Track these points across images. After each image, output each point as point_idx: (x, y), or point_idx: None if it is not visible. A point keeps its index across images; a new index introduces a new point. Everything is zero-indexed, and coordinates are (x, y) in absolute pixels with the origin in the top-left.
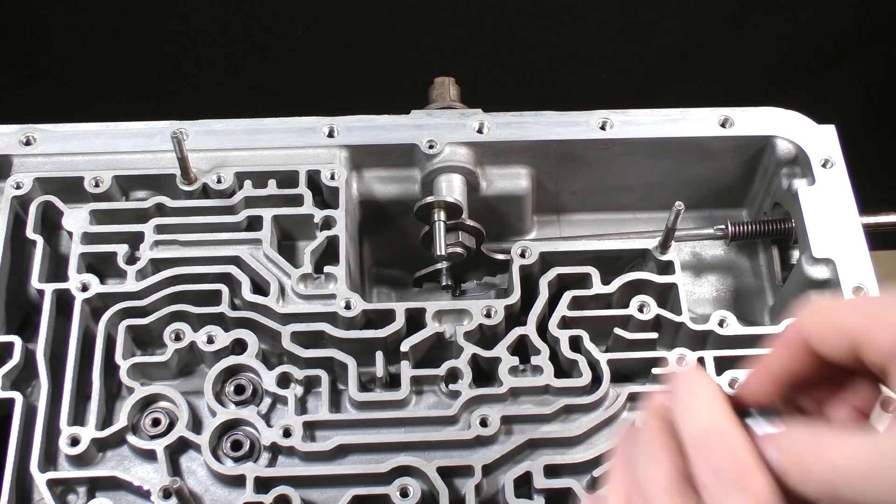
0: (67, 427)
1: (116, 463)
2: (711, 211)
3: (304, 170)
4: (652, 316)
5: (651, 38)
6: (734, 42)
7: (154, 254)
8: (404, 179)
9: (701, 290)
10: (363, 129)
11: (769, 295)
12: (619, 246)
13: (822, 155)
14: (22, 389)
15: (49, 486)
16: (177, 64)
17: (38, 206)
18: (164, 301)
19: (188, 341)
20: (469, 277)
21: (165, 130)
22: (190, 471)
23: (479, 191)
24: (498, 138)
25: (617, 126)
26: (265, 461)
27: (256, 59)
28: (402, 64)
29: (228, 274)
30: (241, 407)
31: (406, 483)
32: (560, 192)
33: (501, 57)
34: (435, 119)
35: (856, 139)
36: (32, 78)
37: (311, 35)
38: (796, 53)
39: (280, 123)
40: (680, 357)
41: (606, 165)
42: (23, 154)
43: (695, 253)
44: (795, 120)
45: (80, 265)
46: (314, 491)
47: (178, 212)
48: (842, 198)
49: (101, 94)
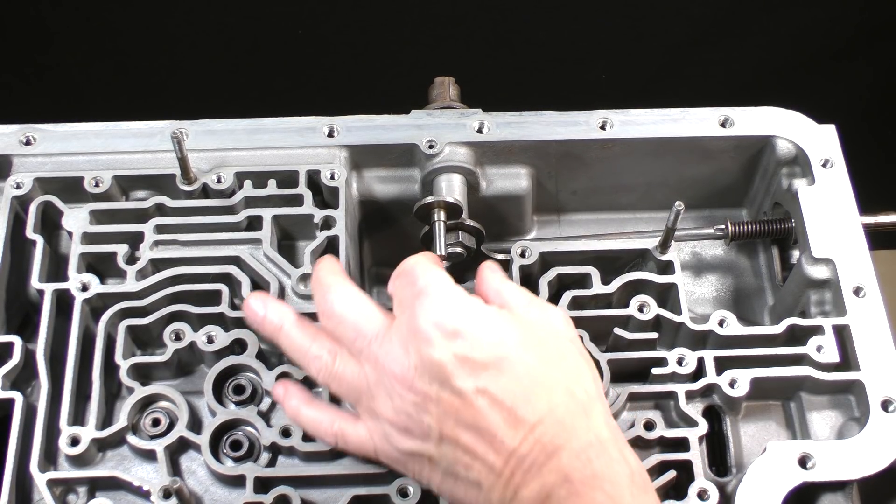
0: (67, 427)
1: (116, 463)
2: (711, 211)
3: (304, 170)
4: (652, 316)
5: (651, 38)
6: (734, 41)
7: (154, 254)
8: (404, 179)
9: (701, 290)
10: (363, 129)
11: (769, 295)
12: (619, 246)
13: (822, 155)
14: (22, 389)
15: (49, 486)
16: (177, 64)
17: (38, 206)
18: (164, 301)
19: (188, 341)
20: (469, 277)
21: (165, 130)
22: (190, 471)
23: (479, 191)
24: (498, 138)
25: (617, 126)
26: (265, 461)
27: (256, 59)
28: (402, 64)
29: (228, 274)
30: (241, 407)
31: (405, 483)
32: (560, 192)
33: (501, 57)
34: (435, 119)
35: (856, 139)
36: (32, 78)
37: (311, 35)
38: (796, 53)
39: (280, 123)
40: (680, 357)
41: (606, 165)
42: (23, 154)
43: (695, 253)
44: (795, 120)
45: (80, 265)
46: (314, 491)
47: (178, 212)
48: (842, 198)
49: (101, 93)
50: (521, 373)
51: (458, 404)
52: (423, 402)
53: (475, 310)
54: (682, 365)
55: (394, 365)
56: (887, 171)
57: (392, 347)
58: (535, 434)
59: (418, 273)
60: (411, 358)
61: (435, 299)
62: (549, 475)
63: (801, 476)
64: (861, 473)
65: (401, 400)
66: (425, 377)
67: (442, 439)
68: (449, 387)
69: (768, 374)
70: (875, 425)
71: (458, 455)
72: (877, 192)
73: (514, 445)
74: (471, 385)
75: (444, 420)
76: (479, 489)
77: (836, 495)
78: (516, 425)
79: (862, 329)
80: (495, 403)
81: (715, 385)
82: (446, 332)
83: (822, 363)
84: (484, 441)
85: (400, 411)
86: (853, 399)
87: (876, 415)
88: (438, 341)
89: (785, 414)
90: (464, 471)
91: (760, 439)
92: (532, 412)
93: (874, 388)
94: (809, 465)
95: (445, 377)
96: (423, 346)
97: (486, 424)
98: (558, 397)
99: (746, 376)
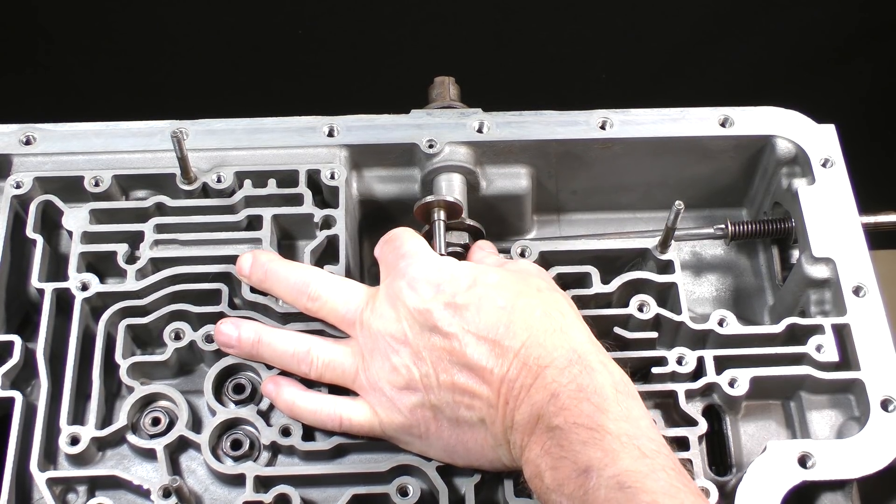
0: (67, 426)
1: (116, 462)
2: (711, 211)
3: (304, 169)
4: (652, 315)
5: (651, 38)
6: (734, 42)
7: (154, 253)
8: (404, 179)
9: (701, 289)
10: (363, 129)
11: (769, 294)
12: (619, 245)
13: (822, 154)
14: (22, 388)
15: (49, 485)
16: (177, 64)
17: (38, 206)
18: (164, 300)
19: (188, 340)
20: None
21: (165, 130)
22: (190, 470)
23: (479, 190)
24: (498, 138)
25: (617, 126)
26: (265, 460)
27: (256, 59)
28: (402, 64)
29: (228, 273)
30: (241, 406)
31: (405, 482)
32: (560, 192)
33: (501, 57)
34: (435, 119)
35: (856, 139)
36: (32, 77)
37: (311, 35)
38: (796, 53)
39: (280, 123)
40: (680, 356)
41: (606, 165)
42: (23, 153)
43: (695, 252)
44: (795, 119)
45: (79, 264)
46: (314, 490)
47: (177, 211)
48: (842, 197)
49: (101, 93)
50: (499, 307)
51: (449, 346)
52: (416, 352)
53: (453, 264)
54: (682, 364)
55: (386, 324)
56: (887, 171)
57: (382, 309)
58: (520, 358)
59: (403, 240)
60: (400, 312)
61: (417, 259)
62: (537, 394)
63: (800, 475)
64: (861, 473)
65: (397, 356)
66: (415, 327)
67: (440, 385)
68: (438, 332)
69: (768, 374)
70: (875, 425)
71: (457, 397)
72: (877, 192)
73: (503, 373)
74: (456, 326)
75: (439, 364)
76: (484, 427)
77: (835, 494)
78: (502, 354)
79: (862, 328)
80: (481, 339)
81: (715, 384)
82: (430, 284)
83: (822, 363)
84: (476, 376)
85: (397, 369)
86: (853, 398)
87: (876, 414)
88: (423, 292)
89: (785, 413)
90: (466, 412)
91: (760, 439)
92: (514, 339)
93: (874, 387)
94: (809, 464)
95: (433, 324)
96: (409, 299)
97: (475, 360)
98: (536, 322)
99: (746, 376)
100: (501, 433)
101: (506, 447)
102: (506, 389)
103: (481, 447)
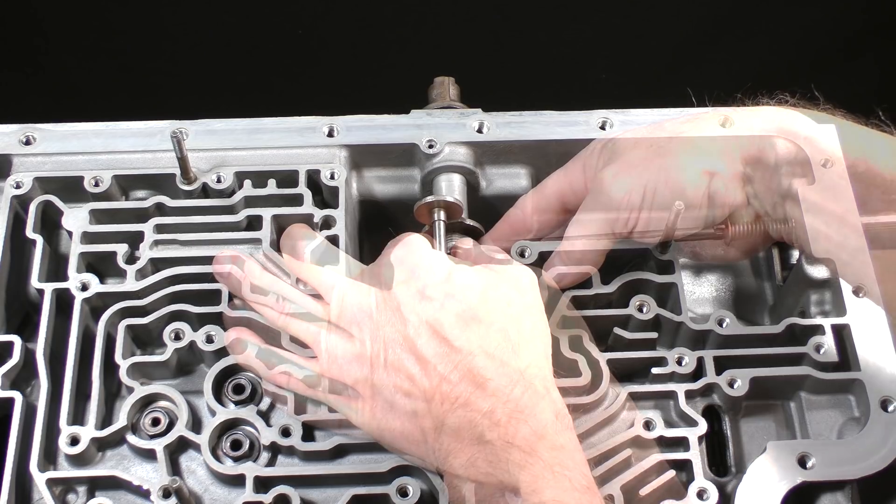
0: (67, 426)
1: (116, 462)
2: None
3: (304, 169)
4: (652, 315)
5: (651, 38)
6: (734, 42)
7: (154, 253)
8: (404, 179)
9: (701, 289)
10: (363, 129)
11: (769, 295)
12: (619, 246)
13: (822, 155)
14: (22, 389)
15: (49, 485)
16: (177, 64)
17: (38, 206)
18: (164, 300)
19: (188, 341)
20: None
21: (165, 130)
22: (189, 470)
23: (479, 190)
24: (498, 138)
25: (617, 126)
26: (265, 461)
27: (256, 59)
28: (402, 64)
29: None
30: (241, 406)
31: (405, 483)
32: None
33: (501, 57)
34: (435, 119)
35: None
36: (32, 77)
37: (310, 35)
38: (796, 53)
39: (280, 123)
40: (679, 356)
41: None
42: (23, 154)
43: (695, 253)
44: (795, 120)
45: (79, 265)
46: (314, 490)
47: (177, 211)
48: (842, 198)
49: (100, 93)
50: (462, 308)
51: (404, 332)
52: (375, 329)
53: (437, 257)
54: (682, 364)
55: (360, 297)
56: None
57: (364, 282)
58: (466, 364)
59: (409, 237)
60: (373, 289)
61: (410, 246)
62: (474, 404)
63: (800, 476)
64: (861, 473)
65: (358, 328)
66: (381, 305)
67: (386, 366)
68: (399, 316)
69: (768, 374)
70: (875, 425)
71: (398, 382)
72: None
73: (446, 373)
74: (416, 316)
75: (390, 347)
76: (415, 419)
77: (835, 495)
78: (449, 356)
79: (862, 329)
80: (434, 334)
81: (715, 385)
82: (408, 269)
83: (822, 363)
84: (422, 368)
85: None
86: (853, 399)
87: (875, 414)
88: (399, 275)
89: (785, 414)
90: (402, 399)
91: (760, 439)
92: (465, 344)
93: (874, 387)
94: (809, 464)
95: (396, 306)
96: (386, 278)
97: (423, 352)
98: (491, 333)
99: (746, 376)
100: (431, 429)
101: (430, 446)
102: (446, 389)
103: (406, 439)
